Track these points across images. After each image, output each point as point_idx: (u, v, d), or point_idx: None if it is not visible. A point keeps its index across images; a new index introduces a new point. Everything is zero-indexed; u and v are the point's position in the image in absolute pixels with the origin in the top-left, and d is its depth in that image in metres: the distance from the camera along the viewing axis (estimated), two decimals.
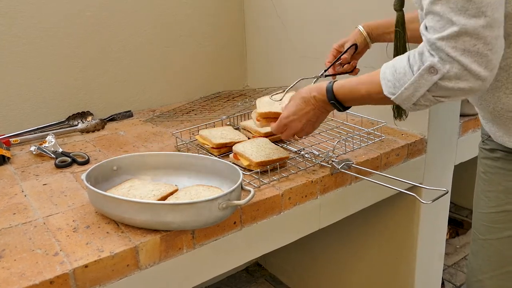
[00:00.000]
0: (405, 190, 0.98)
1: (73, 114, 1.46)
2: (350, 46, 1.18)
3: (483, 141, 1.05)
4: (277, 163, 1.04)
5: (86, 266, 0.73)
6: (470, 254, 1.08)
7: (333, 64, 1.20)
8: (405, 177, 1.07)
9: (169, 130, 1.38)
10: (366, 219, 1.48)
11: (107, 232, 0.82)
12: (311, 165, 1.08)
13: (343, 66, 1.21)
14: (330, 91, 0.93)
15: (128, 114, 1.55)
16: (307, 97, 0.97)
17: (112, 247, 0.78)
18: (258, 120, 1.08)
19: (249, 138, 1.19)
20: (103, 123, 1.45)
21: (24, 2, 1.34)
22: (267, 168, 1.03)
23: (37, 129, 1.38)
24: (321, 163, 1.08)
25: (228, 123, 1.35)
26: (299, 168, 1.07)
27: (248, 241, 0.95)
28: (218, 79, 1.81)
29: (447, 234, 2.11)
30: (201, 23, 1.71)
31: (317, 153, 1.13)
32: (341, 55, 1.18)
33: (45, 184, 1.04)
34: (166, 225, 0.81)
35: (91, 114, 1.49)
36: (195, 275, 0.89)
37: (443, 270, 1.63)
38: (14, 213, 0.91)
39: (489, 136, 1.00)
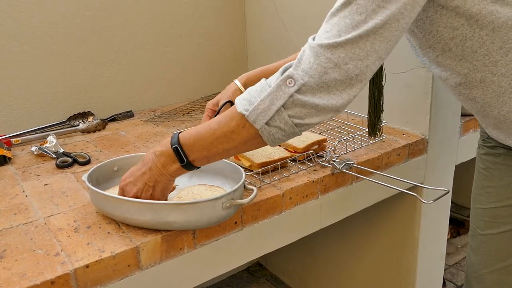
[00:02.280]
0: (406, 190, 0.98)
1: (74, 114, 1.47)
2: (225, 103, 1.08)
3: (483, 139, 1.05)
4: (278, 163, 1.04)
5: (87, 266, 0.73)
6: (469, 250, 1.08)
7: None
8: (406, 177, 1.07)
9: (170, 130, 1.38)
10: (367, 219, 1.48)
11: (108, 232, 0.82)
12: (312, 165, 1.08)
13: None
14: (175, 136, 0.80)
15: (129, 114, 1.55)
16: (147, 156, 0.82)
17: (113, 247, 0.78)
18: None
19: None
20: (104, 123, 1.45)
21: (24, 2, 1.34)
22: (268, 168, 1.03)
23: (38, 129, 1.38)
24: (322, 163, 1.08)
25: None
26: (300, 168, 1.07)
27: (249, 241, 0.95)
28: (219, 79, 1.81)
29: (448, 234, 2.12)
30: (202, 23, 1.71)
31: (318, 153, 1.13)
32: (216, 114, 1.08)
33: (46, 185, 1.04)
34: (169, 225, 0.81)
35: (92, 114, 1.49)
36: (196, 275, 0.89)
37: (444, 270, 1.63)
38: (15, 214, 0.91)
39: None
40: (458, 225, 2.23)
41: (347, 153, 1.15)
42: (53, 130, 1.37)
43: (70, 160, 1.15)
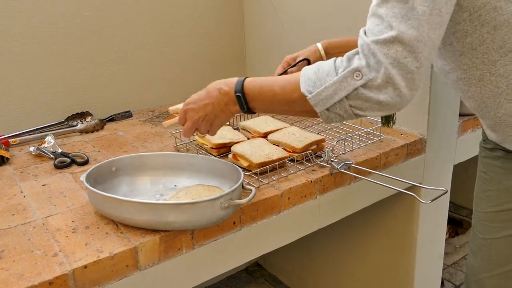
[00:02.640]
0: (405, 190, 0.98)
1: (72, 115, 1.46)
2: (301, 60, 1.12)
3: (483, 140, 1.05)
4: (277, 163, 1.04)
5: (85, 266, 0.73)
6: (469, 253, 1.08)
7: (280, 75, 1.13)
8: (405, 177, 1.07)
9: (169, 131, 1.38)
10: (366, 219, 1.48)
11: (106, 233, 0.82)
12: (310, 165, 1.08)
13: None
14: (240, 84, 0.85)
15: (127, 115, 1.55)
16: (212, 89, 0.89)
17: (112, 247, 0.78)
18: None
19: (248, 138, 1.19)
20: (102, 124, 1.45)
21: (23, 2, 1.34)
22: (267, 168, 1.03)
23: (36, 129, 1.38)
24: (321, 163, 1.08)
25: (228, 123, 1.35)
26: (298, 168, 1.07)
27: (247, 241, 0.95)
28: (218, 79, 1.80)
29: (446, 233, 2.12)
30: (200, 23, 1.71)
31: (316, 153, 1.13)
32: (290, 67, 1.12)
33: (44, 185, 1.04)
34: (168, 225, 0.81)
35: (90, 115, 1.49)
36: (195, 275, 0.89)
37: (443, 270, 1.63)
38: (13, 214, 0.91)
39: None
40: (456, 225, 2.24)
41: (345, 153, 1.15)
42: (51, 131, 1.37)
43: (68, 160, 1.15)
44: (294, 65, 1.12)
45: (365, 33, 0.74)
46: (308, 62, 1.12)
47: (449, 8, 0.73)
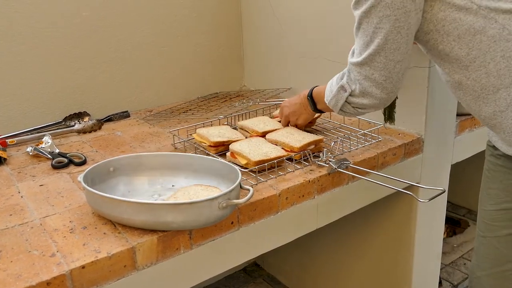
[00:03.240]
0: (402, 189, 0.99)
1: (70, 115, 1.46)
2: None
3: (488, 139, 1.06)
4: (275, 161, 1.04)
5: (83, 267, 0.73)
6: (473, 250, 1.09)
7: None
8: (402, 176, 1.07)
9: (166, 130, 1.38)
10: (364, 219, 1.48)
11: (104, 233, 0.82)
12: (308, 164, 1.08)
13: None
14: (311, 89, 1.17)
15: (125, 115, 1.55)
16: (301, 94, 1.20)
17: (109, 247, 0.77)
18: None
19: (246, 137, 1.19)
20: (100, 124, 1.44)
21: (21, 2, 1.33)
22: (265, 166, 1.03)
23: (34, 129, 1.38)
24: (319, 163, 1.08)
25: (226, 122, 1.35)
26: (296, 167, 1.07)
27: (245, 241, 0.95)
28: (215, 80, 1.80)
29: (444, 233, 2.12)
30: (199, 24, 1.71)
31: (314, 153, 1.13)
32: None
33: (41, 185, 1.03)
34: (166, 225, 0.81)
35: (88, 115, 1.48)
36: (193, 275, 0.89)
37: (441, 269, 1.64)
38: (11, 214, 0.90)
39: None
40: (454, 224, 2.24)
41: (343, 153, 1.15)
42: (49, 131, 1.37)
43: (65, 160, 1.14)
44: None
45: (352, 53, 0.99)
46: None
47: (406, 31, 0.90)
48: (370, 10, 0.89)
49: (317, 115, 1.27)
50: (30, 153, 1.20)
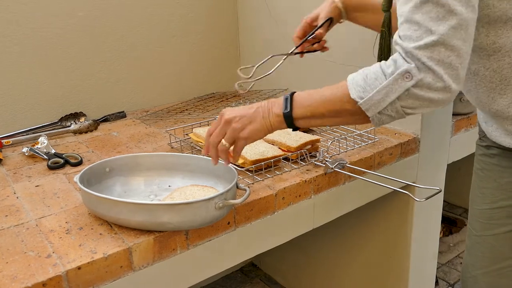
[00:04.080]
0: (399, 189, 0.99)
1: (66, 115, 1.46)
2: (326, 20, 1.09)
3: (480, 138, 1.06)
4: (272, 161, 1.04)
5: (79, 268, 0.73)
6: (465, 250, 1.09)
7: (305, 40, 1.10)
8: (399, 176, 1.07)
9: (163, 130, 1.38)
10: (360, 218, 1.48)
11: (100, 234, 0.82)
12: (305, 164, 1.09)
13: (313, 45, 1.14)
14: (291, 93, 0.87)
15: (121, 115, 1.54)
16: (262, 102, 0.89)
17: (105, 248, 0.77)
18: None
19: None
20: (96, 124, 1.44)
21: (16, 2, 1.33)
22: (262, 165, 1.03)
23: (29, 130, 1.37)
24: (315, 162, 1.08)
25: None
26: (293, 167, 1.07)
27: (242, 241, 0.95)
28: (212, 80, 1.80)
29: (440, 232, 2.13)
30: (195, 24, 1.71)
31: (311, 153, 1.13)
32: (316, 29, 1.10)
33: (37, 186, 1.03)
34: (162, 226, 0.81)
35: (84, 115, 1.48)
36: (189, 275, 0.89)
37: (437, 268, 1.64)
38: (6, 215, 0.90)
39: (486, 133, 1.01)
40: (450, 223, 2.25)
41: (339, 153, 1.15)
42: (45, 131, 1.36)
43: (61, 161, 1.14)
44: (319, 27, 1.10)
45: (400, 39, 0.76)
46: (331, 21, 1.10)
47: (477, 1, 0.74)
48: None
49: None
50: (26, 154, 1.20)
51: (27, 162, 1.18)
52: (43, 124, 1.41)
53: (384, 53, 1.04)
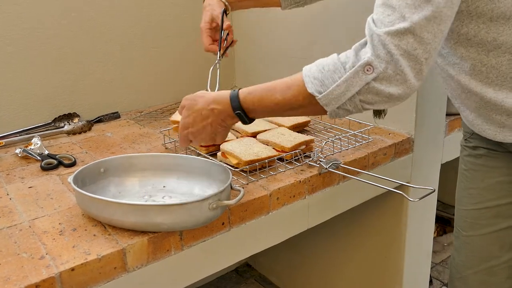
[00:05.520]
0: (393, 189, 0.99)
1: (59, 116, 1.45)
2: (223, 13, 1.12)
3: (465, 139, 1.06)
4: (266, 161, 1.04)
5: (72, 269, 0.73)
6: (453, 251, 1.09)
7: (222, 40, 1.12)
8: (393, 176, 1.08)
9: (157, 131, 1.38)
10: (355, 218, 1.49)
11: (94, 235, 0.82)
12: (299, 164, 1.09)
13: (226, 39, 1.17)
14: (235, 100, 0.84)
15: (115, 116, 1.54)
16: (203, 110, 0.87)
17: (99, 249, 0.77)
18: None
19: (237, 138, 1.19)
20: (89, 125, 1.43)
21: (9, 2, 1.32)
22: (256, 165, 1.03)
23: (23, 131, 1.36)
24: (309, 163, 1.08)
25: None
26: (287, 167, 1.07)
27: (236, 242, 0.95)
28: (206, 80, 1.80)
29: (434, 232, 2.14)
30: (189, 24, 1.70)
31: (305, 153, 1.13)
32: (222, 25, 1.12)
33: (30, 187, 1.02)
34: (156, 227, 0.81)
35: (77, 116, 1.47)
36: (184, 276, 0.89)
37: (431, 268, 1.65)
38: None
39: (472, 134, 1.01)
40: (444, 223, 2.26)
41: (334, 153, 1.16)
42: (38, 132, 1.35)
43: (55, 162, 1.13)
44: (222, 25, 1.13)
45: (373, 23, 0.74)
46: (225, 13, 1.14)
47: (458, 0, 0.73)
48: None
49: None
50: (19, 155, 1.19)
51: (20, 163, 1.17)
52: (36, 125, 1.40)
53: None
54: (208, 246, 0.90)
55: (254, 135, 1.20)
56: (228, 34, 1.14)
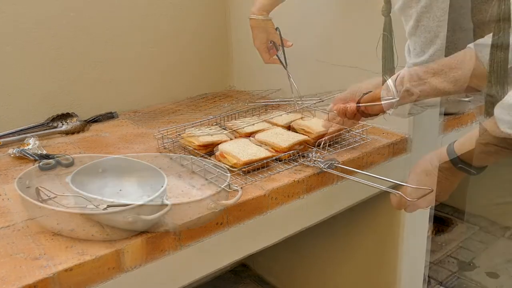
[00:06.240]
0: (390, 188, 0.99)
1: (56, 116, 1.44)
2: (279, 32, 1.32)
3: None
4: (264, 161, 1.04)
5: (69, 269, 0.73)
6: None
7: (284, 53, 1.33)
8: (390, 175, 1.08)
9: (154, 131, 1.37)
10: (352, 218, 1.49)
11: (92, 235, 0.81)
12: (296, 164, 1.09)
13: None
14: (452, 154, 0.89)
15: (112, 116, 1.53)
16: (429, 169, 0.94)
17: (96, 250, 0.77)
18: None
19: (235, 137, 1.19)
20: (86, 125, 1.43)
21: (7, 2, 1.31)
22: (254, 166, 1.03)
23: (19, 131, 1.36)
24: (306, 162, 1.09)
25: (215, 123, 1.35)
26: (285, 167, 1.07)
27: (233, 242, 0.95)
28: (203, 81, 1.80)
29: (431, 231, 2.14)
30: (187, 24, 1.70)
31: (302, 153, 1.13)
32: (282, 42, 1.34)
33: (28, 187, 1.02)
34: (153, 227, 0.81)
35: (74, 116, 1.47)
36: (181, 276, 0.89)
37: (428, 267, 1.65)
38: None
39: None
40: (440, 222, 2.27)
41: (331, 153, 1.16)
42: (34, 132, 1.35)
43: (53, 162, 1.13)
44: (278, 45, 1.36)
45: (409, 51, 0.91)
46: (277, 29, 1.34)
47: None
48: (431, 4, 0.84)
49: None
50: (16, 155, 1.19)
51: (16, 163, 1.17)
52: (32, 125, 1.40)
53: (388, 56, 1.07)
54: (205, 246, 0.90)
55: (248, 135, 1.20)
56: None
